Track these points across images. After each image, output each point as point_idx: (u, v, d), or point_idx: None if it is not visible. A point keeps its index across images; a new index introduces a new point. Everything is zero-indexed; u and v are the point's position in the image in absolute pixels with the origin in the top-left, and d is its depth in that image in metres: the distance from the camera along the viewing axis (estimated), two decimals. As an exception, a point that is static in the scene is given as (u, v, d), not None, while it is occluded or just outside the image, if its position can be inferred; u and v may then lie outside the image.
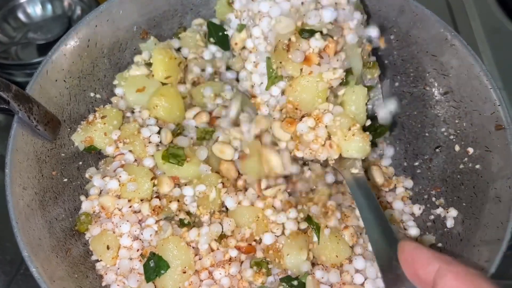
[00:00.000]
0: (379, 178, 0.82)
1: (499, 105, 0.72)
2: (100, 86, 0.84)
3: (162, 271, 0.69)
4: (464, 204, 0.74)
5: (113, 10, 0.82)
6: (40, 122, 0.70)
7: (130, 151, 0.79)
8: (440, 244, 0.73)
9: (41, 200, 0.70)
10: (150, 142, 0.79)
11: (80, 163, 0.80)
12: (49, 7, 1.21)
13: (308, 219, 0.73)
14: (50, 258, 0.66)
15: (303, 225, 0.73)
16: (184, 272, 0.69)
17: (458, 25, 1.21)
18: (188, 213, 0.76)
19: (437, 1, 1.25)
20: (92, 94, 0.83)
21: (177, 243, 0.70)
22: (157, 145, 0.80)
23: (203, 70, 0.87)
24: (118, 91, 0.85)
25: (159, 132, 0.81)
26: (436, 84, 0.83)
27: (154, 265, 0.69)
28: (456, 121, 0.79)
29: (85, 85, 0.82)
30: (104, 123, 0.80)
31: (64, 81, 0.78)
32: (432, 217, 0.78)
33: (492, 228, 0.66)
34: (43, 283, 0.60)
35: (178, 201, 0.76)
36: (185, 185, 0.78)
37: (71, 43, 0.79)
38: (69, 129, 0.78)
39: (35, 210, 0.68)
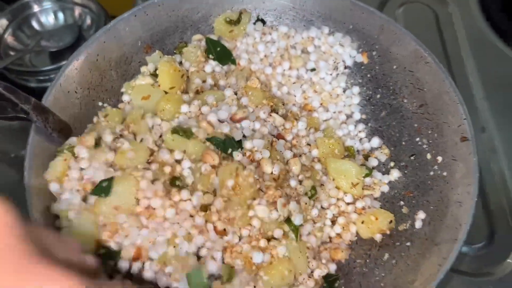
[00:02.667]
0: None
1: (464, 119, 0.79)
2: (108, 96, 0.91)
3: (103, 195, 0.74)
4: (431, 207, 0.80)
5: (119, 27, 0.89)
6: (54, 129, 0.77)
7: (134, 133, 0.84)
8: (408, 243, 0.79)
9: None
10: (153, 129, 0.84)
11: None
12: (61, 16, 1.27)
13: (288, 220, 0.78)
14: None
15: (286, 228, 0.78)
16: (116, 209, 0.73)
17: (445, 36, 1.27)
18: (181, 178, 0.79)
19: (426, 14, 1.31)
20: (100, 103, 0.90)
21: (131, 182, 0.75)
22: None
23: (203, 81, 0.94)
24: (125, 98, 0.92)
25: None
26: (412, 97, 0.90)
27: (105, 186, 0.74)
28: (429, 132, 0.86)
29: (94, 95, 0.89)
30: (108, 121, 0.86)
31: (76, 92, 0.85)
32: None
33: (452, 229, 0.73)
34: None
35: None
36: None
37: (82, 58, 0.86)
38: (79, 135, 0.85)
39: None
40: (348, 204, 0.86)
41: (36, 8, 1.26)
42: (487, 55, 1.23)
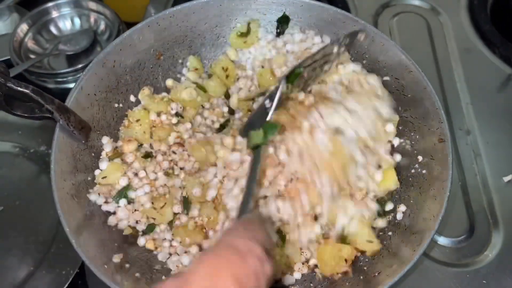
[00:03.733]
0: None
1: (442, 123, 0.87)
2: (123, 98, 0.99)
3: None
4: (411, 201, 0.89)
5: (134, 37, 0.97)
6: (75, 128, 0.85)
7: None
8: (390, 233, 0.88)
9: (76, 189, 0.86)
10: None
11: (105, 160, 0.95)
12: (77, 21, 1.36)
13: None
14: (83, 232, 0.82)
15: None
16: None
17: (436, 44, 1.34)
18: None
19: (419, 24, 1.39)
20: (116, 105, 0.98)
21: None
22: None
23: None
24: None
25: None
26: (398, 103, 0.97)
27: None
28: (412, 134, 0.95)
29: (111, 98, 0.97)
30: (140, 125, 0.96)
31: (95, 94, 0.93)
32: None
33: (427, 220, 0.81)
34: (80, 251, 0.77)
35: None
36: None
37: (100, 64, 0.93)
38: (98, 132, 0.94)
39: (73, 196, 0.84)
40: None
41: (54, 14, 1.34)
42: (474, 62, 1.30)
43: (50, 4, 1.33)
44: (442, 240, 1.01)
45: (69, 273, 0.97)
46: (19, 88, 0.76)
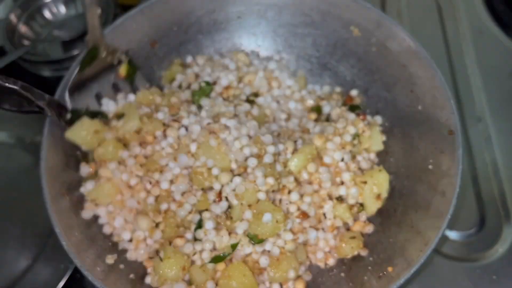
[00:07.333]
0: None
1: (452, 114, 0.82)
2: None
3: None
4: (419, 196, 0.84)
5: (127, 24, 0.93)
6: (67, 122, 0.83)
7: None
8: (397, 230, 0.84)
9: (68, 184, 0.83)
10: None
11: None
12: (72, 6, 1.31)
13: None
14: (74, 232, 0.79)
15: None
16: None
17: (447, 27, 1.29)
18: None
19: (429, 6, 1.34)
20: None
21: None
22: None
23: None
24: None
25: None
26: (405, 91, 0.93)
27: None
28: (420, 125, 0.89)
29: None
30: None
31: None
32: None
33: (435, 217, 0.77)
34: (71, 253, 0.74)
35: None
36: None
37: None
38: None
39: (64, 191, 0.82)
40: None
41: (48, -2, 1.29)
42: (487, 46, 1.26)
43: (43, -12, 1.28)
44: (451, 234, 0.97)
45: (68, 266, 0.94)
46: (6, 84, 0.74)
